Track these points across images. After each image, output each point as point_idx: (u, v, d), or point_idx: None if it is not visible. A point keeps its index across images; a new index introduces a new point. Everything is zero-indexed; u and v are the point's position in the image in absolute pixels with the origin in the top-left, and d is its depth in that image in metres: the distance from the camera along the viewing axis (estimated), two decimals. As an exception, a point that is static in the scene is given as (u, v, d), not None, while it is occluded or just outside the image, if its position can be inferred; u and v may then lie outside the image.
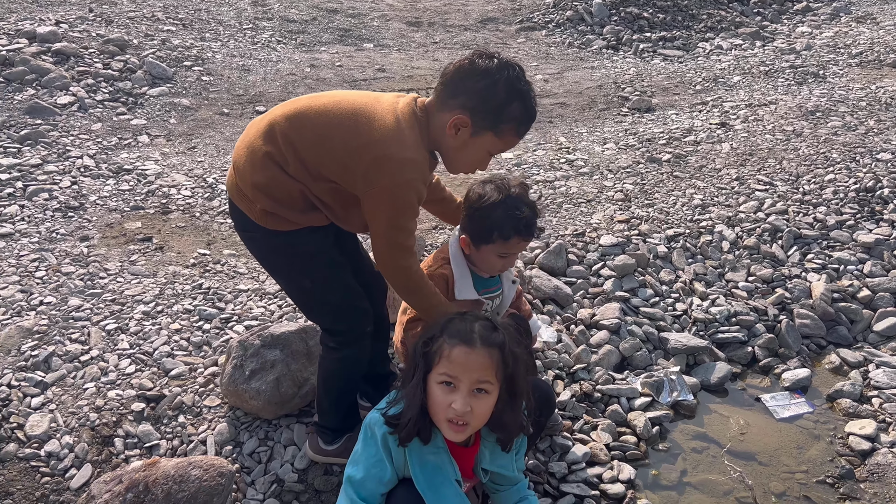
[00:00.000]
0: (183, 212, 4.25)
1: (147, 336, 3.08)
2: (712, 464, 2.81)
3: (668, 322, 3.50)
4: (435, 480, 1.93)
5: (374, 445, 1.93)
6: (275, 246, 2.31)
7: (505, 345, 1.90)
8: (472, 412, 1.85)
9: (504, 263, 2.51)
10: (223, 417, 2.73)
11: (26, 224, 3.89)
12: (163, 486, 2.24)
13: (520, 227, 2.39)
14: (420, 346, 1.91)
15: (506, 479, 2.14)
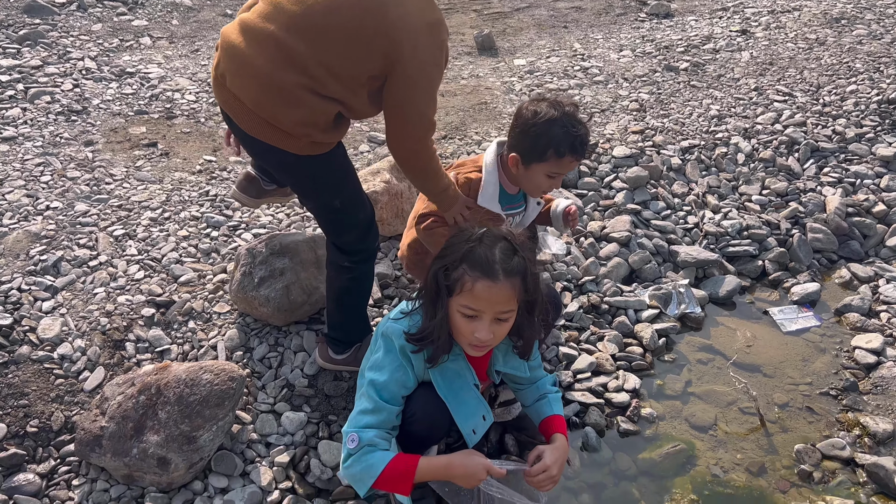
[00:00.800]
0: (188, 117, 4.17)
1: (155, 242, 3.07)
2: (717, 375, 2.84)
3: (679, 235, 3.47)
4: (455, 385, 2.00)
5: (394, 353, 1.96)
6: (313, 171, 2.22)
7: (526, 270, 1.88)
8: (494, 336, 1.89)
9: (551, 184, 2.46)
10: (233, 324, 2.75)
11: (29, 128, 3.82)
12: (174, 389, 2.28)
13: (575, 146, 2.34)
14: (441, 274, 1.89)
15: (521, 378, 2.22)
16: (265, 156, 2.27)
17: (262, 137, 2.11)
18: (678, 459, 2.48)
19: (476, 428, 2.04)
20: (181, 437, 2.21)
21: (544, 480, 1.96)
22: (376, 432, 1.91)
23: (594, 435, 2.54)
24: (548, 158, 2.35)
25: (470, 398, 2.03)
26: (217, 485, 2.26)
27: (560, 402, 2.25)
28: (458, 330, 1.90)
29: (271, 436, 2.43)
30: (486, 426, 2.08)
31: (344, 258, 2.38)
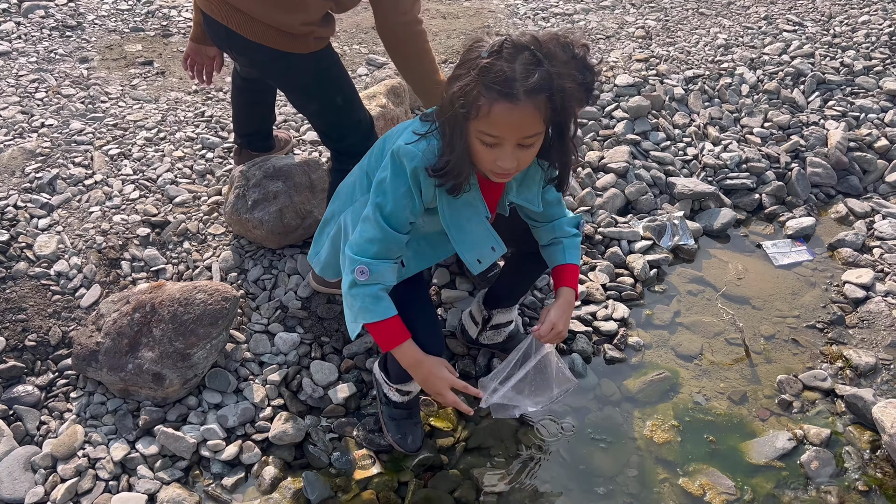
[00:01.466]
0: (184, 35, 4.09)
1: (150, 162, 3.07)
2: (706, 306, 2.87)
3: (678, 167, 3.45)
4: (462, 215, 1.88)
5: (403, 177, 1.78)
6: (317, 67, 2.33)
7: (553, 85, 1.58)
8: (519, 163, 1.70)
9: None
10: (228, 245, 2.77)
11: (23, 42, 3.76)
12: (168, 307, 2.32)
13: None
14: (455, 96, 1.63)
15: (536, 214, 2.06)
16: (269, 65, 2.33)
17: (270, 44, 2.19)
18: (662, 387, 2.54)
19: (482, 257, 1.95)
20: (175, 354, 2.26)
21: (553, 338, 1.97)
22: (387, 267, 1.82)
23: (580, 361, 2.59)
24: None
25: (478, 228, 1.91)
26: (211, 400, 2.33)
27: (576, 250, 2.08)
28: (479, 157, 1.71)
29: (265, 355, 2.48)
30: (495, 257, 1.98)
31: (349, 161, 2.36)
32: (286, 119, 3.40)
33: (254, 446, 2.23)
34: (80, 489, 2.08)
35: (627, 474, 2.26)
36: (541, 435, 2.37)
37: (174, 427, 2.22)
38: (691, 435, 2.38)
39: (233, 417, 2.29)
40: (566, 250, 2.06)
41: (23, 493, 2.06)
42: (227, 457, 2.19)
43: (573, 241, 2.08)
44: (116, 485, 2.11)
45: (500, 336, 2.53)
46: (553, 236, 2.08)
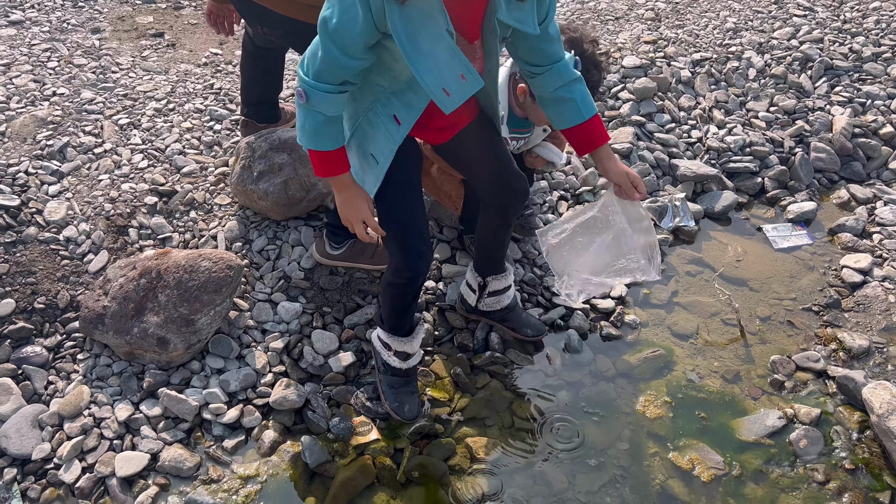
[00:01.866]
0: (195, 8, 4.12)
1: (159, 133, 3.11)
2: (704, 287, 2.90)
3: (682, 149, 3.46)
4: (419, 32, 1.65)
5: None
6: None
7: None
8: None
9: (542, 117, 2.46)
10: (233, 216, 2.82)
11: (37, 12, 3.81)
12: (174, 274, 2.37)
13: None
14: None
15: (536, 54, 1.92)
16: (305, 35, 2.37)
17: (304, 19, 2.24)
18: (656, 364, 2.58)
19: (449, 87, 1.72)
20: (180, 320, 2.32)
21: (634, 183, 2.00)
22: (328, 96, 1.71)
23: (577, 337, 2.64)
24: None
25: (439, 48, 1.66)
26: (214, 365, 2.39)
27: (588, 97, 1.96)
28: None
29: (267, 323, 2.54)
30: (468, 90, 1.75)
31: None
32: (293, 93, 3.43)
33: (254, 410, 2.29)
34: (85, 447, 2.15)
35: (619, 447, 2.31)
36: (535, 407, 2.42)
37: (177, 390, 2.28)
38: (683, 411, 2.42)
39: (234, 382, 2.34)
40: (580, 105, 1.95)
41: (30, 448, 2.13)
42: (229, 420, 2.25)
43: (581, 89, 1.95)
44: (120, 444, 2.18)
45: (500, 304, 2.56)
46: (558, 84, 1.94)
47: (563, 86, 1.94)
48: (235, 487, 2.11)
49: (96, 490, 2.08)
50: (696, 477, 2.23)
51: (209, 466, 2.16)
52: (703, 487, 2.20)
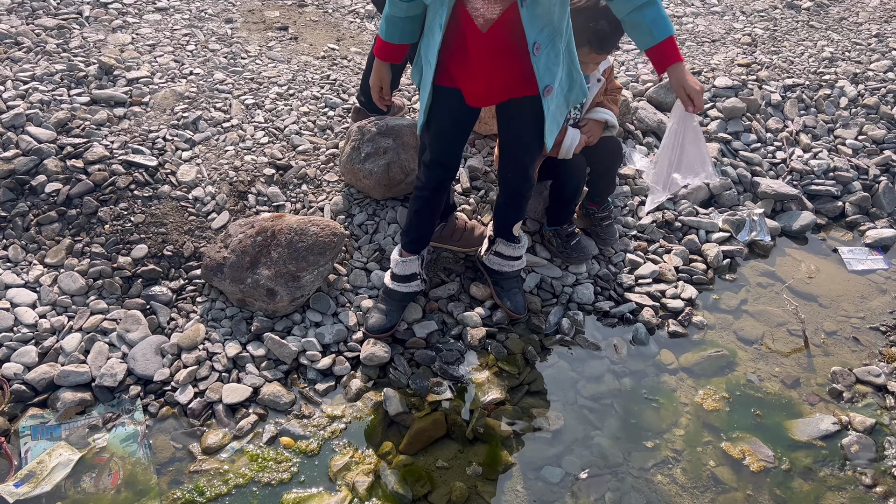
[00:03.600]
0: (317, 7, 4.49)
1: (279, 114, 3.46)
2: (773, 299, 3.01)
3: (765, 168, 3.58)
4: None
5: None
6: None
7: None
8: None
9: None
10: (339, 192, 3.12)
11: (179, 1, 4.25)
12: (286, 234, 2.68)
13: (592, 40, 2.51)
14: None
15: None
16: None
17: None
18: (719, 363, 2.72)
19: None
20: (287, 275, 2.62)
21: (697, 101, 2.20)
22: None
23: (644, 331, 2.80)
24: None
25: None
26: (312, 319, 2.68)
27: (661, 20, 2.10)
28: None
29: (361, 288, 2.82)
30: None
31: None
32: (400, 88, 3.73)
33: (345, 361, 2.57)
34: (198, 375, 2.47)
35: (674, 432, 2.47)
36: (598, 388, 2.60)
37: (280, 336, 2.58)
38: (739, 407, 2.56)
39: (329, 335, 2.62)
40: (651, 27, 2.10)
41: (152, 371, 2.46)
42: (322, 367, 2.53)
43: (651, 12, 2.09)
44: (228, 376, 2.49)
45: (500, 267, 2.77)
46: (629, 8, 2.11)
47: (635, 10, 2.10)
48: (323, 424, 2.39)
49: (205, 413, 2.38)
50: (746, 466, 2.36)
51: (302, 404, 2.44)
52: (752, 476, 2.33)
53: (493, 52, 2.16)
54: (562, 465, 2.34)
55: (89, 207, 2.83)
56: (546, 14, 2.08)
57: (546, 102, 2.24)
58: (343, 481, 2.22)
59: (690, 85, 2.17)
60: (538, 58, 2.14)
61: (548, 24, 2.11)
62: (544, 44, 2.13)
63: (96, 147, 2.99)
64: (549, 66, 2.18)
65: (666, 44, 2.13)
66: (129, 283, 2.69)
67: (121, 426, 2.29)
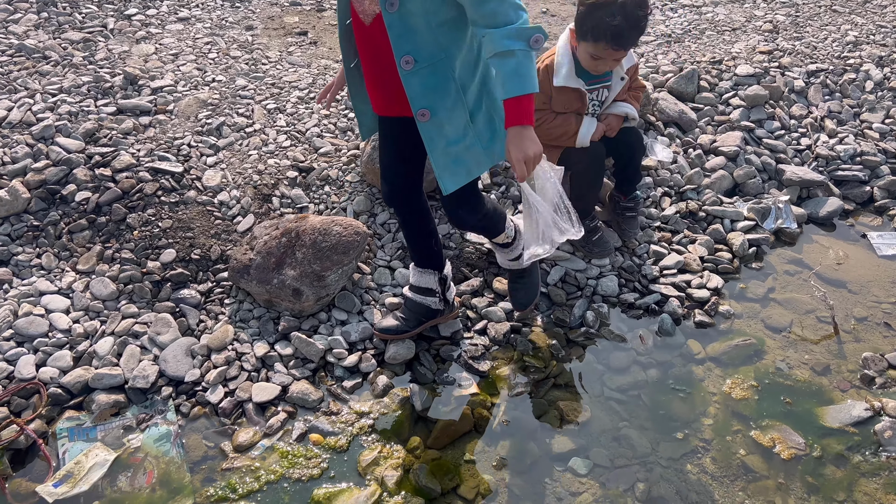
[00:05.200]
0: (335, 10, 4.53)
1: (301, 117, 3.50)
2: (801, 286, 2.98)
3: (790, 155, 3.54)
4: None
5: None
6: None
7: None
8: None
9: (596, 64, 2.64)
10: (361, 192, 3.15)
11: (200, 11, 4.32)
12: (310, 235, 2.71)
13: (608, 35, 2.50)
14: None
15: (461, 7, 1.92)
16: None
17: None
18: (746, 351, 2.70)
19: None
20: (312, 275, 2.65)
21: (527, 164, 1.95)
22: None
23: (670, 321, 2.79)
24: (587, 39, 2.54)
25: None
26: (338, 317, 2.71)
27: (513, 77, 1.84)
28: None
29: (385, 286, 2.84)
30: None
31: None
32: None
33: (371, 358, 2.59)
34: (228, 375, 2.51)
35: (702, 422, 2.45)
36: (623, 380, 2.59)
37: (307, 335, 2.61)
38: (769, 395, 2.53)
39: (355, 333, 2.65)
40: (505, 82, 1.86)
41: (183, 372, 2.50)
42: (349, 364, 2.56)
43: (509, 65, 1.83)
44: (257, 375, 2.52)
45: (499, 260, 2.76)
46: (492, 52, 1.85)
47: (495, 55, 1.85)
48: (351, 420, 2.41)
49: (235, 411, 2.42)
50: (777, 454, 2.34)
51: (330, 401, 2.47)
52: (783, 464, 2.31)
53: (374, 49, 2.04)
54: (590, 456, 2.34)
55: (118, 214, 2.89)
56: (425, 31, 1.92)
57: (426, 129, 2.05)
58: (372, 476, 2.24)
59: (512, 152, 1.93)
60: (409, 74, 1.96)
61: (430, 45, 1.95)
62: (421, 62, 1.96)
63: (123, 155, 3.06)
64: (426, 89, 2.00)
65: (511, 103, 1.88)
66: (159, 287, 2.74)
67: (154, 426, 2.34)
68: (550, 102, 2.79)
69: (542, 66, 2.75)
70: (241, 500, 2.16)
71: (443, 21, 1.93)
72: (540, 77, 2.73)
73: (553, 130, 2.80)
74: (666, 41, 4.32)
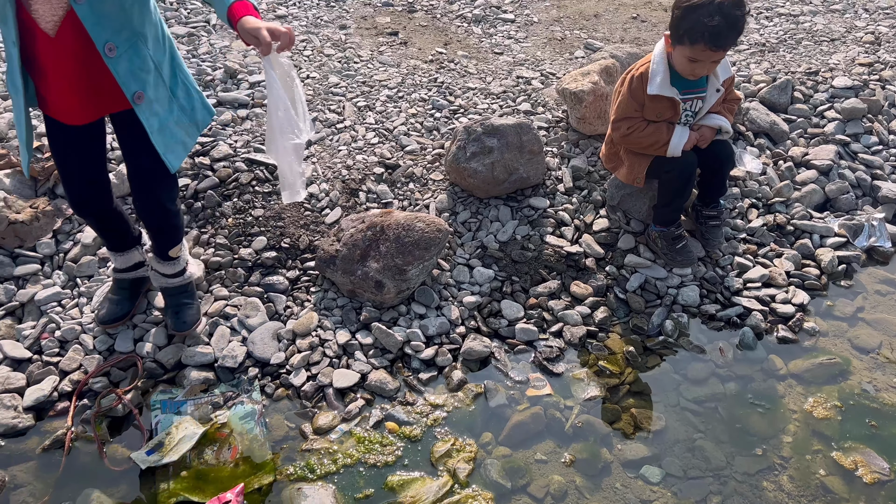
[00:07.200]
0: (426, 12, 4.62)
1: (389, 115, 3.59)
2: (893, 307, 2.88)
3: (886, 172, 3.41)
4: None
5: None
6: None
7: None
8: None
9: (694, 68, 2.61)
10: (444, 190, 3.21)
11: (297, 9, 4.48)
12: (394, 230, 2.79)
13: (706, 36, 2.46)
14: None
15: None
16: None
17: None
18: (831, 370, 2.63)
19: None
20: (395, 268, 2.72)
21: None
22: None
23: (752, 335, 2.74)
24: (683, 43, 2.50)
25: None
26: (417, 311, 2.77)
27: None
28: None
29: (464, 284, 2.89)
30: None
31: None
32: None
33: (447, 353, 2.65)
34: (311, 360, 2.60)
35: (781, 439, 2.41)
36: (701, 392, 2.56)
37: (386, 326, 2.69)
38: (853, 416, 2.46)
39: (432, 328, 2.71)
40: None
41: (269, 355, 2.61)
42: (425, 357, 2.62)
43: None
44: (338, 362, 2.61)
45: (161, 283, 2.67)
46: None
47: None
48: (426, 412, 2.47)
49: (316, 395, 2.52)
50: (859, 478, 2.27)
51: (406, 391, 2.53)
52: (865, 488, 2.25)
53: (68, 57, 1.98)
54: (662, 465, 2.33)
55: (214, 201, 3.04)
56: (118, 14, 1.95)
57: (142, 112, 2.10)
58: (444, 467, 2.29)
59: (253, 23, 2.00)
60: (115, 60, 1.99)
61: (125, 27, 1.99)
62: (121, 46, 1.99)
63: (222, 146, 3.21)
64: (133, 71, 2.04)
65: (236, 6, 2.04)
66: (250, 273, 2.87)
67: (240, 404, 2.46)
68: (643, 110, 2.78)
69: (637, 74, 2.75)
70: (319, 481, 2.24)
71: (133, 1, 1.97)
72: (634, 85, 2.74)
73: (644, 139, 2.80)
74: (760, 50, 4.22)
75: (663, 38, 2.71)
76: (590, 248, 3.01)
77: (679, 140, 2.76)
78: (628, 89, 2.79)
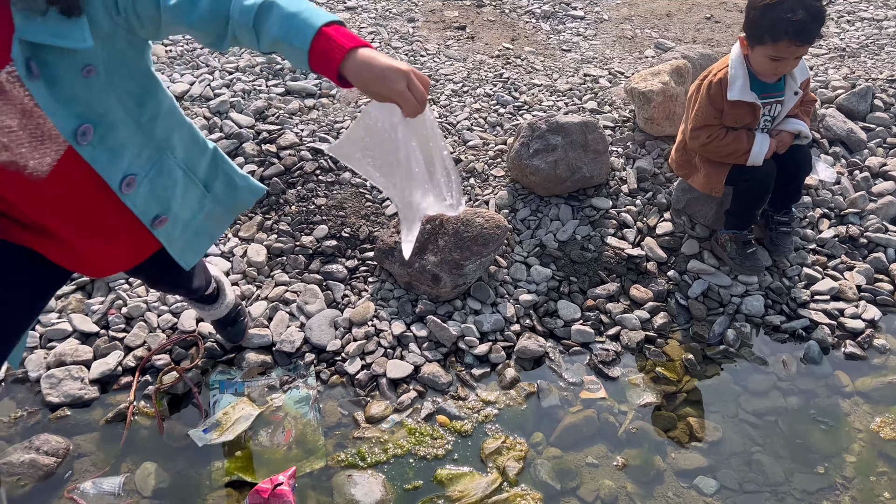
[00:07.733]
0: (494, 7, 4.60)
1: (453, 110, 3.59)
2: (972, 328, 2.75)
3: (972, 186, 3.25)
4: None
5: None
6: None
7: None
8: None
9: (777, 66, 2.53)
10: (504, 187, 3.19)
11: (367, 1, 4.51)
12: (453, 224, 2.79)
13: (790, 31, 2.38)
14: None
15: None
16: None
17: None
18: (901, 391, 2.52)
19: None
20: (452, 263, 2.72)
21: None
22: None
23: (817, 349, 2.65)
24: (765, 42, 2.42)
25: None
26: (472, 306, 2.77)
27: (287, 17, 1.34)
28: None
29: (521, 281, 2.87)
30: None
31: None
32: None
33: (501, 350, 2.63)
34: (366, 349, 2.63)
35: (844, 458, 2.32)
36: (762, 403, 2.49)
37: (441, 320, 2.69)
38: (923, 440, 2.36)
39: (487, 324, 2.70)
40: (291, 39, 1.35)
41: (326, 342, 2.65)
42: (479, 353, 2.62)
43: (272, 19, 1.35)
44: (392, 353, 2.63)
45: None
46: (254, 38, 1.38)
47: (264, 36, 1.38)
48: (477, 408, 2.47)
49: (370, 384, 2.54)
50: (926, 504, 2.18)
51: (458, 386, 2.53)
52: (932, 515, 2.15)
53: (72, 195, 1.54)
54: (717, 477, 2.28)
55: (279, 189, 3.09)
56: (135, 135, 1.56)
57: (161, 234, 1.72)
58: (494, 464, 2.29)
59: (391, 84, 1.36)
60: (133, 194, 1.60)
61: (147, 146, 1.60)
62: (143, 172, 1.61)
63: (288, 134, 3.26)
64: (155, 193, 1.65)
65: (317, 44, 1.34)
66: (310, 260, 2.91)
67: (295, 389, 2.50)
68: (722, 117, 2.71)
69: (715, 80, 2.67)
70: (369, 469, 2.26)
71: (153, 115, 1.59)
72: (712, 91, 2.67)
73: (724, 148, 2.72)
74: (839, 55, 4.07)
75: (738, 41, 2.63)
76: (652, 252, 2.95)
77: (760, 148, 2.69)
78: (707, 95, 2.71)
